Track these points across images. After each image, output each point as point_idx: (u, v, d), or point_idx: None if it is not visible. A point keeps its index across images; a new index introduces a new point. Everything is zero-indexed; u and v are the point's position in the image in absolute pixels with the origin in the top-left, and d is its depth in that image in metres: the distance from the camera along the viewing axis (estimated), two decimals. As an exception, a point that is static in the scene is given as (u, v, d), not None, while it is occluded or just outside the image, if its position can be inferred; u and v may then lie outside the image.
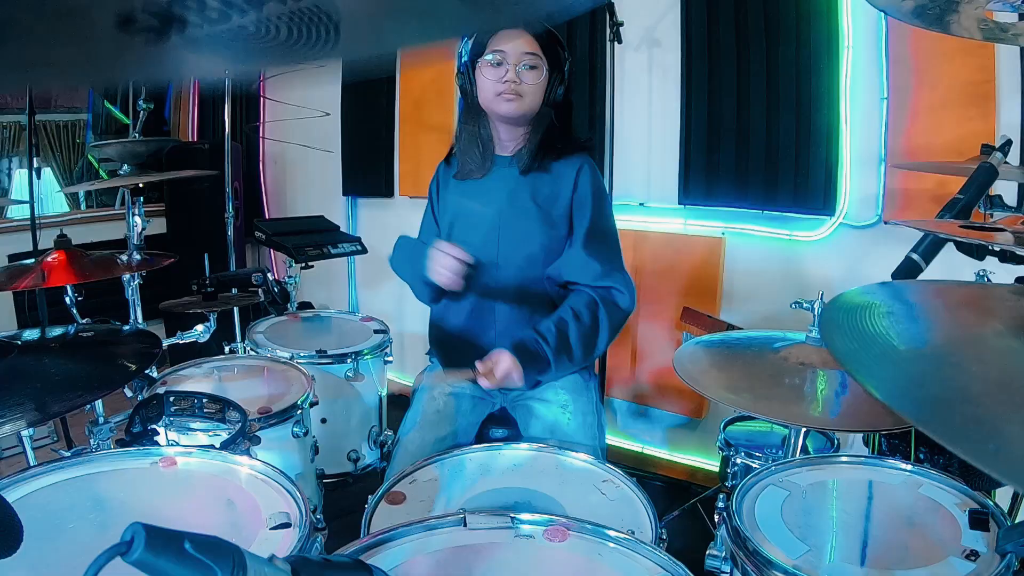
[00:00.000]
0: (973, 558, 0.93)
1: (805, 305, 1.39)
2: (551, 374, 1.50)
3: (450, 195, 1.67)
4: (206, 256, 2.51)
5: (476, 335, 1.64)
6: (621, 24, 2.26)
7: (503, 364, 1.40)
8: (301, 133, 3.83)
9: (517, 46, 1.50)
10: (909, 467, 1.16)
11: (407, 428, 1.60)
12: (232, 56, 0.50)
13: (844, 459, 1.21)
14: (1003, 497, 1.36)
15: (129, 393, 1.64)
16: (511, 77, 1.50)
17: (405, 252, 1.67)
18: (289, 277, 2.52)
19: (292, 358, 1.86)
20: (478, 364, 1.41)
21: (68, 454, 1.11)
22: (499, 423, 1.68)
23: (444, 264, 1.45)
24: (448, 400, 1.62)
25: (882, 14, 2.11)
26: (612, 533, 0.97)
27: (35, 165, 3.11)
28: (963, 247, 1.41)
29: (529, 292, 1.60)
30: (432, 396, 1.64)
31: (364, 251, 2.90)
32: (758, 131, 2.44)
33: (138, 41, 0.43)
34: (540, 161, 1.57)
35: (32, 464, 1.22)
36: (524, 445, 1.32)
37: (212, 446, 1.25)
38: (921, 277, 1.31)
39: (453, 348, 1.69)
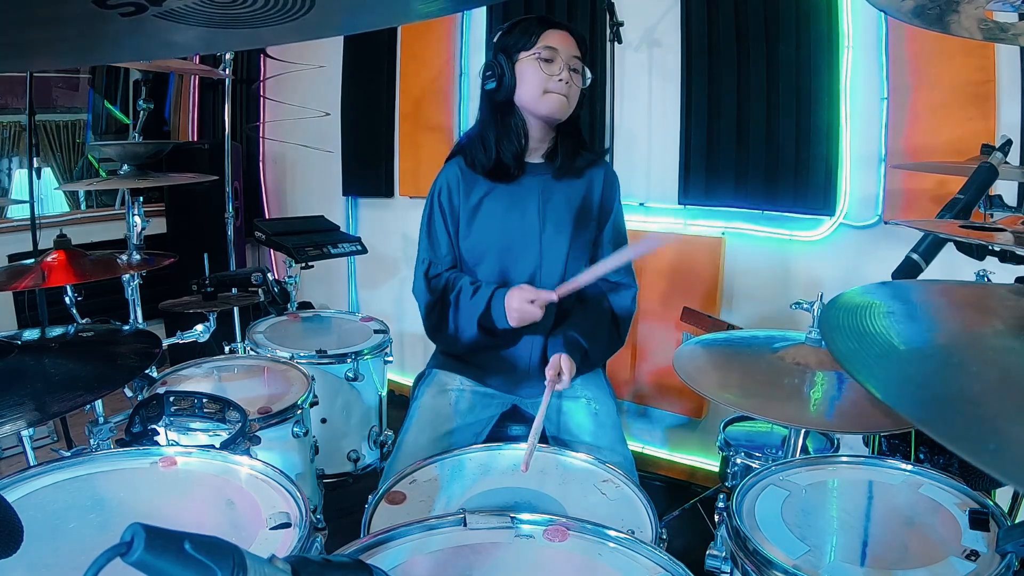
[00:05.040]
0: (973, 558, 0.93)
1: (805, 305, 1.39)
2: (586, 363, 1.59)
3: (476, 205, 1.57)
4: (206, 256, 2.51)
5: (510, 340, 1.61)
6: (621, 24, 2.26)
7: (566, 364, 1.47)
8: (301, 133, 3.83)
9: (567, 46, 1.50)
10: (909, 467, 1.16)
11: (407, 428, 1.60)
12: (209, 27, 0.50)
13: (844, 459, 1.20)
14: (1003, 497, 1.36)
15: (129, 393, 1.64)
16: (565, 76, 1.49)
17: (462, 319, 1.55)
18: (289, 277, 2.52)
19: (292, 358, 1.86)
20: (548, 373, 1.45)
21: (68, 454, 1.11)
22: (514, 420, 1.68)
23: (530, 301, 1.44)
24: (448, 400, 1.62)
25: (882, 14, 2.11)
26: (612, 533, 0.97)
27: (35, 165, 3.11)
28: (963, 247, 1.42)
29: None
30: (432, 396, 1.63)
31: (364, 251, 2.90)
32: (758, 131, 2.44)
33: (116, 16, 0.43)
34: (572, 165, 1.59)
35: (32, 464, 1.22)
36: (524, 445, 1.32)
37: (212, 446, 1.24)
38: (921, 277, 1.31)
39: (478, 356, 1.65)
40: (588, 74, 1.54)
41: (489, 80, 1.53)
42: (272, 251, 3.77)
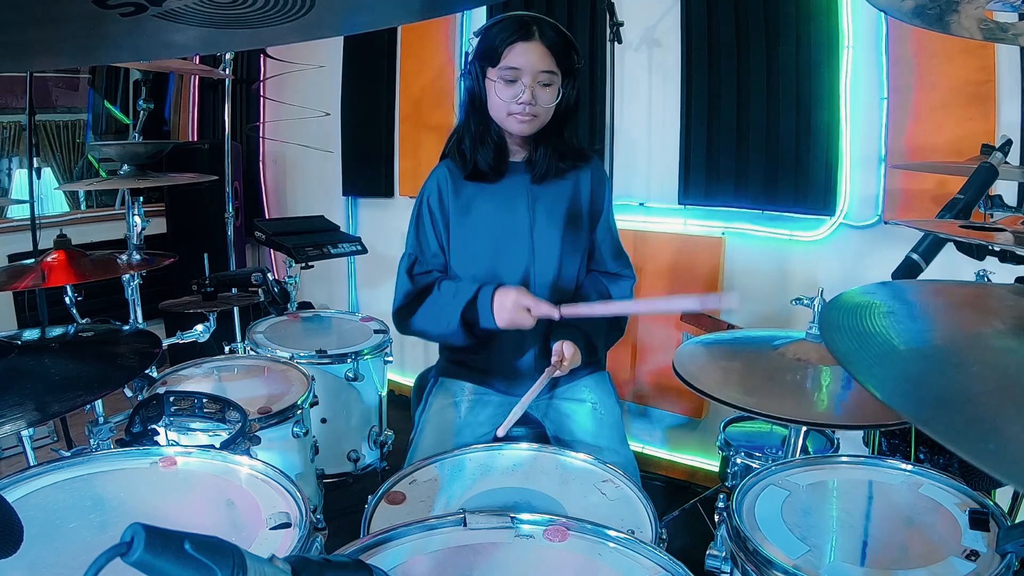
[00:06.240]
0: (973, 558, 0.93)
1: (805, 301, 1.39)
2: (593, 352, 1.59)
3: (466, 205, 1.57)
4: (206, 256, 2.51)
5: (507, 342, 1.59)
6: (621, 24, 2.26)
7: (568, 351, 1.48)
8: (301, 133, 3.83)
9: (532, 63, 1.43)
10: (909, 467, 1.16)
11: (417, 442, 1.59)
12: (209, 27, 0.50)
13: (844, 459, 1.21)
14: (1003, 497, 1.36)
15: (129, 393, 1.64)
16: (527, 99, 1.43)
17: (442, 307, 1.52)
18: (289, 277, 2.52)
19: (292, 358, 1.86)
20: (553, 359, 1.47)
21: (68, 454, 1.11)
22: (516, 422, 1.67)
23: (526, 308, 1.41)
24: (456, 415, 1.61)
25: (882, 14, 2.11)
26: (612, 533, 0.97)
27: (35, 165, 3.11)
28: (963, 247, 1.41)
29: (561, 294, 1.60)
30: (440, 409, 1.62)
31: (364, 251, 2.90)
32: (758, 131, 2.44)
33: (116, 16, 0.43)
34: (556, 166, 1.56)
35: (32, 464, 1.22)
36: (524, 445, 1.32)
37: (212, 446, 1.24)
38: (921, 277, 1.31)
39: (478, 358, 1.64)
40: (560, 92, 1.47)
41: (465, 91, 1.53)
42: (272, 251, 3.77)
